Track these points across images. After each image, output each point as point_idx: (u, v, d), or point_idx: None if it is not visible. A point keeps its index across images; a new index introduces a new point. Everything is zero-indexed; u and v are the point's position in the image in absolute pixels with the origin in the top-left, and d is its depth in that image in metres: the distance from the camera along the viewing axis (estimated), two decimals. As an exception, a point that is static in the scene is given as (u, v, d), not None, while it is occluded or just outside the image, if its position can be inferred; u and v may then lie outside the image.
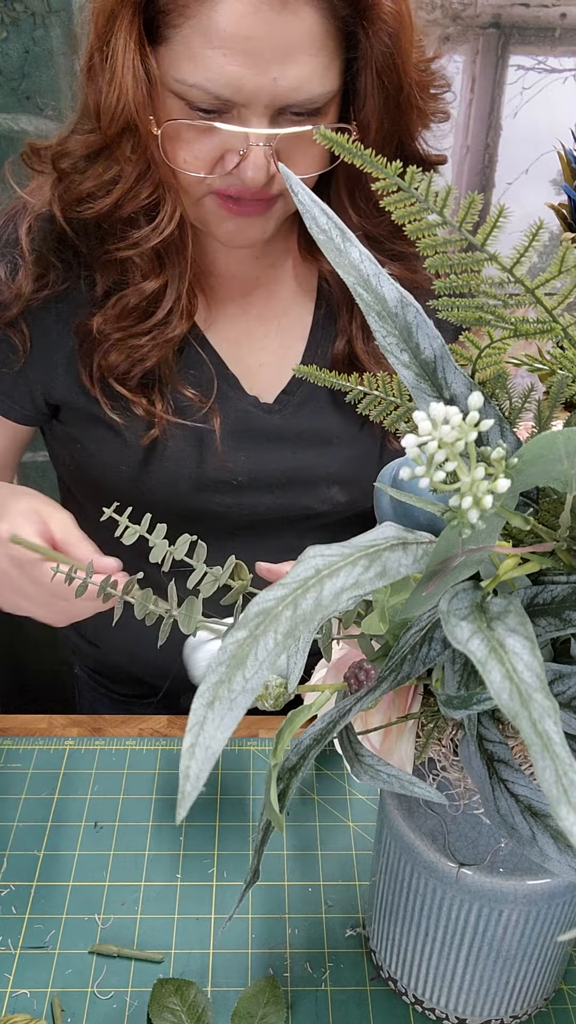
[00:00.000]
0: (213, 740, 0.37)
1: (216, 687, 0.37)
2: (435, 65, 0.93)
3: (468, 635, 0.38)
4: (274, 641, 0.38)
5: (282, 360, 1.06)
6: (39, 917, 0.85)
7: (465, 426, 0.33)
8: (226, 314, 1.04)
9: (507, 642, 0.37)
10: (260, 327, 1.06)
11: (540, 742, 0.34)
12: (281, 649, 0.38)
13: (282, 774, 0.51)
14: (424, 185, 0.41)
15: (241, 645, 0.38)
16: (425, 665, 0.47)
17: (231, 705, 0.37)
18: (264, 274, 1.04)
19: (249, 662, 0.38)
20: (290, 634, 0.38)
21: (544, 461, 0.37)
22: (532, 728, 0.34)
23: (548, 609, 0.44)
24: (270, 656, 0.38)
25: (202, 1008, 0.77)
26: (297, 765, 0.51)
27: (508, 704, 0.35)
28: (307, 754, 0.51)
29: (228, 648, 0.39)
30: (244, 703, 0.38)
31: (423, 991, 0.76)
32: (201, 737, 0.37)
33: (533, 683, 0.35)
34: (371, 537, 0.42)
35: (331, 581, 0.39)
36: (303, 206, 0.48)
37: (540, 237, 0.42)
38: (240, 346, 1.05)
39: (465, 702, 0.43)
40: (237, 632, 0.39)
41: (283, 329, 1.06)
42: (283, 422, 1.05)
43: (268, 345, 1.06)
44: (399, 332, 0.44)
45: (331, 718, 0.50)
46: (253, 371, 1.05)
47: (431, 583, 0.39)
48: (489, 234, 0.41)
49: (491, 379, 0.51)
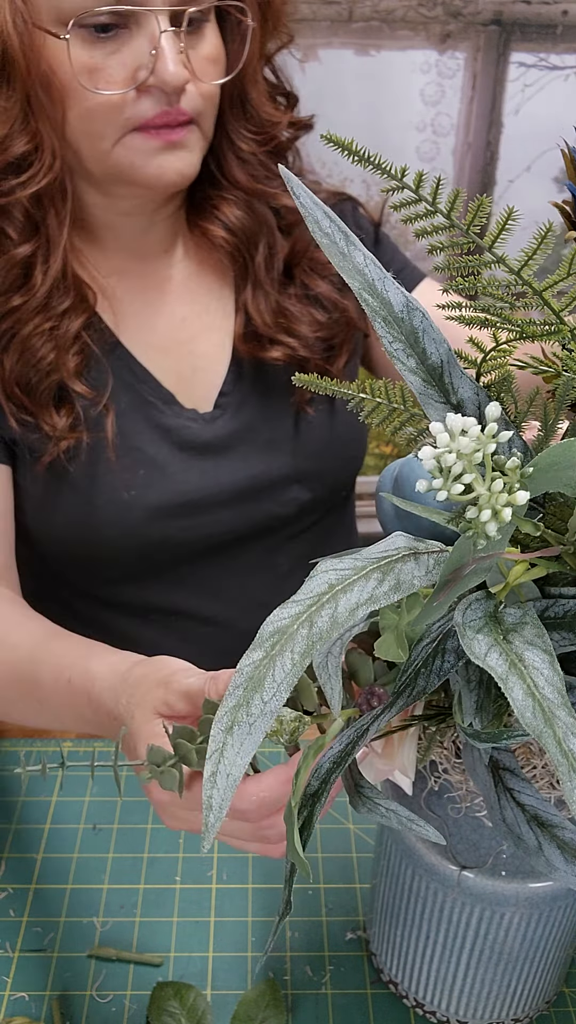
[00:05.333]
0: (234, 767, 0.36)
1: (234, 711, 0.36)
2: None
3: (486, 649, 0.37)
4: (291, 662, 0.37)
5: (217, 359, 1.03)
6: (38, 920, 0.84)
7: (484, 437, 0.32)
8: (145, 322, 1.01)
9: (526, 656, 0.36)
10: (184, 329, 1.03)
11: (567, 762, 0.33)
12: (299, 669, 0.37)
13: (304, 801, 0.50)
14: (432, 188, 0.40)
15: (257, 667, 0.37)
16: (440, 678, 0.46)
17: (250, 730, 0.36)
18: (166, 267, 1.02)
19: (267, 684, 0.37)
20: (307, 653, 0.37)
21: (558, 468, 0.36)
22: (558, 747, 0.33)
23: (561, 623, 0.44)
24: (288, 677, 0.37)
25: (202, 1011, 0.76)
26: (319, 791, 0.50)
27: (532, 723, 0.34)
28: (328, 778, 0.50)
29: (244, 670, 0.37)
30: (263, 727, 0.37)
31: (424, 994, 0.76)
32: (222, 765, 0.36)
33: (555, 699, 0.34)
34: (382, 548, 0.41)
35: (345, 596, 0.38)
36: (304, 208, 0.47)
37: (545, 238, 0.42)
38: (168, 354, 1.02)
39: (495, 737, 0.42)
40: (253, 653, 0.38)
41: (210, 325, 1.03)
42: (226, 428, 1.02)
43: (197, 348, 1.02)
44: (405, 337, 0.44)
45: (349, 739, 0.49)
46: (187, 380, 1.02)
47: (442, 593, 0.38)
48: (497, 237, 0.40)
49: (496, 382, 0.51)
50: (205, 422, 1.01)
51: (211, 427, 1.01)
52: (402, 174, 0.40)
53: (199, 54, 0.87)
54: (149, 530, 1.00)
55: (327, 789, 0.49)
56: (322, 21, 1.62)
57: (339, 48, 1.65)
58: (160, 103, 0.86)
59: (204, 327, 1.03)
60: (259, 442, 1.03)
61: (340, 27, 1.63)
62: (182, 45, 0.84)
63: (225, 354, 1.03)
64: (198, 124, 0.90)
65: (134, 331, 1.00)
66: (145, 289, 1.01)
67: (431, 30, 1.64)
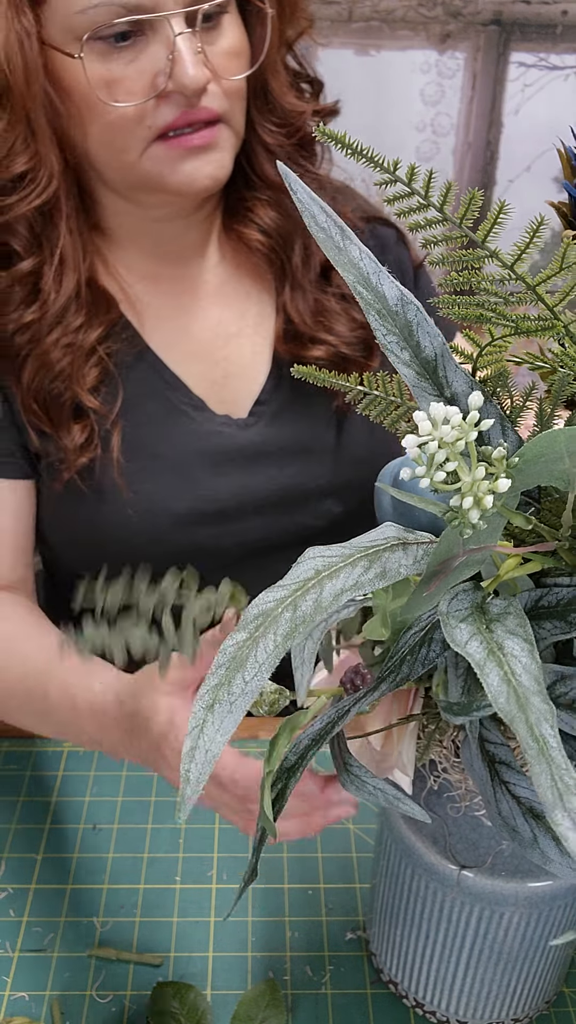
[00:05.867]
0: (213, 743, 0.37)
1: (215, 690, 0.37)
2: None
3: (467, 637, 0.38)
4: (274, 643, 0.38)
5: (252, 365, 1.01)
6: (38, 920, 0.84)
7: (465, 426, 0.32)
8: (177, 327, 1.00)
9: (506, 644, 0.37)
10: (218, 334, 1.01)
11: (536, 746, 0.34)
12: (281, 651, 0.38)
13: (280, 775, 0.51)
14: (424, 181, 0.40)
15: (241, 647, 0.38)
16: (424, 666, 0.47)
17: (231, 708, 0.37)
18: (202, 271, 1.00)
19: (249, 664, 0.38)
20: (290, 635, 0.38)
21: (545, 460, 0.36)
22: (529, 732, 0.34)
23: (554, 612, 0.44)
24: (270, 658, 0.38)
25: (202, 1011, 0.76)
26: (295, 766, 0.51)
27: (505, 707, 0.35)
28: (305, 754, 0.51)
29: (227, 650, 0.38)
30: (244, 705, 0.38)
31: (424, 994, 0.76)
32: (201, 740, 0.37)
33: (531, 687, 0.35)
34: (371, 538, 0.41)
35: (331, 582, 0.39)
36: (301, 204, 0.48)
37: (542, 235, 0.42)
38: (200, 360, 1.00)
39: (465, 708, 0.43)
40: (237, 634, 0.39)
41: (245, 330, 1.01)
42: (261, 436, 1.00)
43: (231, 353, 1.01)
44: (399, 331, 0.44)
45: (330, 718, 0.50)
46: (219, 386, 1.01)
47: (432, 583, 0.39)
48: (489, 231, 0.40)
49: (492, 378, 0.50)
50: (239, 428, 1.00)
51: (245, 433, 1.00)
52: (395, 167, 0.40)
53: (218, 49, 0.85)
54: (177, 538, 0.99)
55: (303, 764, 0.51)
56: (322, 21, 1.62)
57: (339, 48, 1.65)
58: (181, 106, 0.84)
59: (238, 332, 1.01)
60: (295, 451, 1.01)
61: (340, 27, 1.63)
62: (199, 45, 0.82)
63: (262, 359, 1.01)
64: (226, 122, 0.88)
65: (164, 336, 0.99)
66: (178, 294, 1.00)
67: (431, 30, 1.64)
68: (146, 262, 0.99)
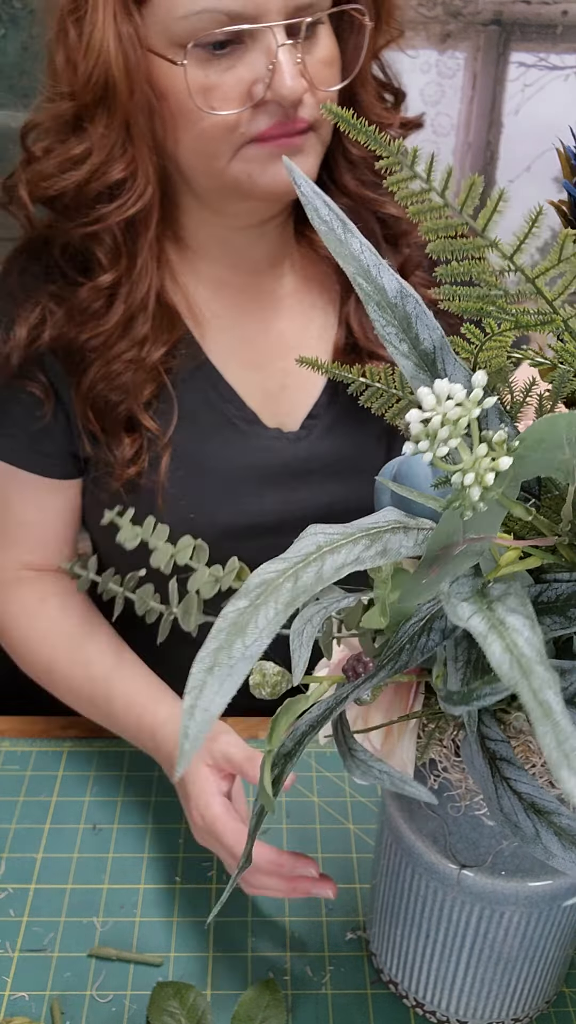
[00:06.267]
0: (212, 704, 0.38)
1: (216, 653, 0.38)
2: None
3: (469, 613, 0.38)
4: (275, 611, 0.39)
5: (309, 378, 0.99)
6: (38, 920, 0.84)
7: (468, 403, 0.32)
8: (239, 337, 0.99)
9: (507, 620, 0.37)
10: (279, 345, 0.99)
11: (540, 710, 0.34)
12: (282, 618, 0.39)
13: (277, 759, 0.52)
14: (426, 165, 0.40)
15: (242, 613, 0.39)
16: (423, 655, 0.47)
17: (230, 671, 0.38)
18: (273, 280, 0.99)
19: (249, 630, 0.39)
20: (291, 604, 0.39)
21: (545, 447, 0.36)
22: (532, 697, 0.35)
23: (553, 607, 0.44)
24: (270, 625, 0.39)
25: (202, 1011, 0.76)
26: (293, 751, 0.52)
27: (509, 674, 0.35)
28: (303, 740, 0.52)
29: (228, 616, 0.39)
30: (243, 669, 0.38)
31: (424, 994, 0.76)
32: (200, 700, 0.38)
33: (533, 656, 0.36)
34: (373, 519, 0.42)
35: (332, 557, 0.40)
36: (305, 197, 0.48)
37: (542, 234, 0.42)
38: (258, 370, 0.99)
39: (465, 698, 0.43)
40: (238, 601, 0.39)
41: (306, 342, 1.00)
42: (309, 450, 0.99)
43: (290, 365, 0.99)
44: (398, 322, 0.44)
45: (328, 705, 0.50)
46: (274, 398, 1.00)
47: (431, 569, 0.39)
48: (490, 218, 0.40)
49: (492, 373, 0.50)
50: (289, 441, 0.99)
51: (293, 447, 0.99)
52: (398, 148, 0.40)
53: (315, 59, 0.84)
54: (218, 551, 0.99)
55: (300, 750, 0.52)
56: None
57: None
58: (276, 115, 0.83)
59: (300, 343, 1.00)
60: (342, 468, 1.00)
61: (340, 28, 1.63)
62: (299, 56, 0.82)
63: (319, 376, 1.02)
64: (316, 131, 0.87)
65: (225, 346, 0.98)
66: (244, 303, 0.99)
67: (431, 30, 1.64)
68: (216, 270, 0.98)
